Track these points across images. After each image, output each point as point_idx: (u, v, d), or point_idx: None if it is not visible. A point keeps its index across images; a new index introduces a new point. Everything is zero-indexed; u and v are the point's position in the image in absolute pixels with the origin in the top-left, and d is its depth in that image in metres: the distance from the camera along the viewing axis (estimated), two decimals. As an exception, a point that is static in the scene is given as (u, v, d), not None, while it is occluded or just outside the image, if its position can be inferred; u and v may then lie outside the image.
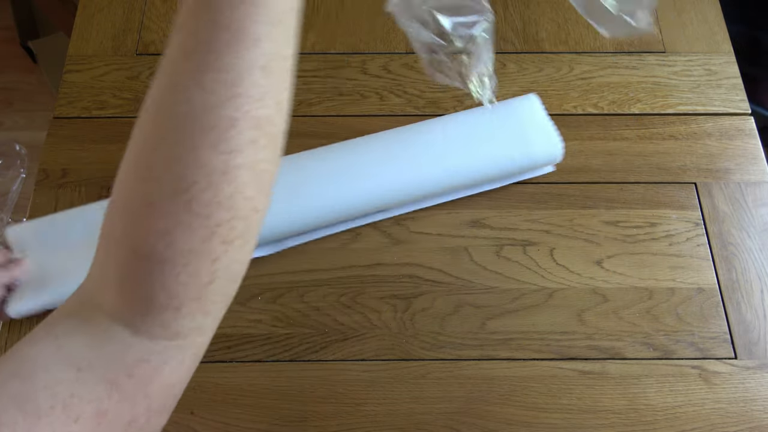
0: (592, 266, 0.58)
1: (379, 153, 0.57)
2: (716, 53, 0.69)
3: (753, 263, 0.58)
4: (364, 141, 0.59)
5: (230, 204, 0.26)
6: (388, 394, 0.53)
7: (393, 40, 0.69)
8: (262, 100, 0.26)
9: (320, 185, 0.56)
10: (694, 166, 0.62)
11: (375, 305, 0.56)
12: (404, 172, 0.57)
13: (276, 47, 0.26)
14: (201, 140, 0.25)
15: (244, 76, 0.25)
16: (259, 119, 0.26)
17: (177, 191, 0.25)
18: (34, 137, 1.40)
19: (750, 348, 0.54)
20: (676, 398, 0.53)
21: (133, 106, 0.65)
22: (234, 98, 0.25)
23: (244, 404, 0.52)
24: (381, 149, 0.58)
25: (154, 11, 0.71)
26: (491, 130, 0.58)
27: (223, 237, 0.26)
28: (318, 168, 0.57)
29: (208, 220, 0.25)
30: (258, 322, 0.55)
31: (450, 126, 0.59)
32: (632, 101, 0.66)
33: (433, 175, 0.57)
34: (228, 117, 0.25)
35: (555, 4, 0.72)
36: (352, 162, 0.57)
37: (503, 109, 0.59)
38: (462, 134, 0.58)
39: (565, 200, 0.61)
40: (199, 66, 0.25)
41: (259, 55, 0.25)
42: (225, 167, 0.25)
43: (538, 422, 0.52)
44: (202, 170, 0.25)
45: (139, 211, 0.26)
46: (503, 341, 0.55)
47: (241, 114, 0.25)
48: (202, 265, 0.26)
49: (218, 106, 0.25)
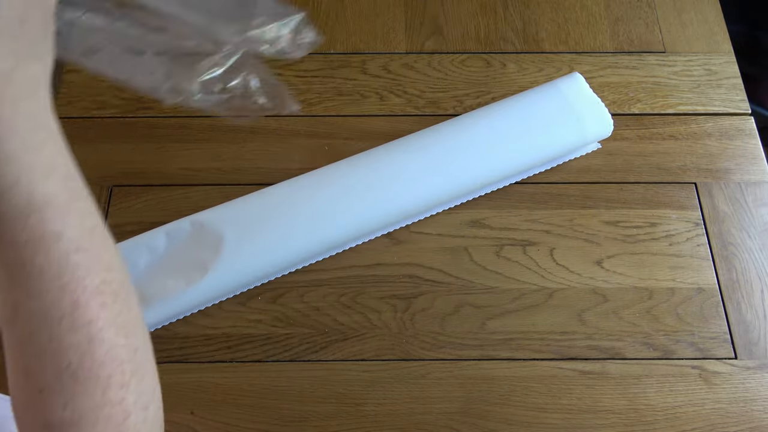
0: (592, 266, 0.58)
1: (424, 159, 0.57)
2: (716, 53, 0.69)
3: (753, 263, 0.58)
4: (404, 146, 0.58)
5: (111, 357, 0.28)
6: (388, 394, 0.53)
7: (393, 40, 0.69)
8: (90, 270, 0.27)
9: (364, 199, 0.56)
10: (694, 166, 0.62)
11: (375, 305, 0.56)
12: (458, 174, 0.57)
13: (78, 230, 0.28)
14: (57, 330, 0.27)
15: (61, 264, 0.26)
16: (98, 286, 0.28)
17: (59, 373, 0.27)
18: (34, 137, 1.40)
19: (750, 348, 0.54)
20: (676, 398, 0.53)
21: (133, 106, 0.65)
22: (64, 287, 0.27)
23: (244, 404, 0.52)
24: (427, 154, 0.57)
25: (154, 11, 0.71)
26: (539, 114, 0.59)
27: (120, 381, 0.28)
28: (362, 179, 0.56)
29: (99, 378, 0.28)
30: (258, 322, 0.55)
31: (496, 116, 0.59)
32: (632, 101, 0.66)
33: (487, 170, 0.58)
34: (70, 302, 0.27)
35: (555, 4, 0.72)
36: (397, 169, 0.57)
37: (548, 91, 0.60)
38: (509, 124, 0.58)
39: (565, 200, 0.61)
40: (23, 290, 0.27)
41: (67, 245, 0.26)
42: (89, 337, 0.27)
43: (538, 422, 0.52)
44: (70, 351, 0.27)
45: (36, 399, 0.28)
46: (503, 341, 0.55)
47: (80, 292, 0.27)
48: (113, 411, 0.28)
49: (57, 299, 0.26)
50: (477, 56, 0.68)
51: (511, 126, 0.58)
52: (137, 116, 0.65)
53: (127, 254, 0.55)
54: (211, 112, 0.35)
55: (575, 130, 0.59)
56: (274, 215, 0.54)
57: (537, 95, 0.60)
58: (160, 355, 0.54)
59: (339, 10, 0.71)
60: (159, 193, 0.61)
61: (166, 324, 0.55)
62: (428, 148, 0.57)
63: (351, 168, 0.57)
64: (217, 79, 0.35)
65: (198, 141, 0.63)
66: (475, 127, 0.58)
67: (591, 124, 0.59)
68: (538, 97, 0.60)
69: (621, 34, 0.70)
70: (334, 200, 0.55)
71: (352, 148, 0.63)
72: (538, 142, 0.58)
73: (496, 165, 0.57)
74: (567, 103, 0.59)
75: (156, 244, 0.55)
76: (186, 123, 0.64)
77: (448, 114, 0.65)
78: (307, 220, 0.55)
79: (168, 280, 0.54)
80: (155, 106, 0.65)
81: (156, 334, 0.55)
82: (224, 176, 0.61)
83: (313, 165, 0.61)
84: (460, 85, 0.66)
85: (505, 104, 0.60)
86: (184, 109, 0.66)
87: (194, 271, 0.53)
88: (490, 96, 0.66)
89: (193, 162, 0.62)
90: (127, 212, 0.59)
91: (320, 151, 0.63)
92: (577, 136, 0.59)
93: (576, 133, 0.59)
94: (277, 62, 0.69)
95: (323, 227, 0.55)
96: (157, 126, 0.64)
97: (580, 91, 0.60)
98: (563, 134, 0.58)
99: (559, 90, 0.60)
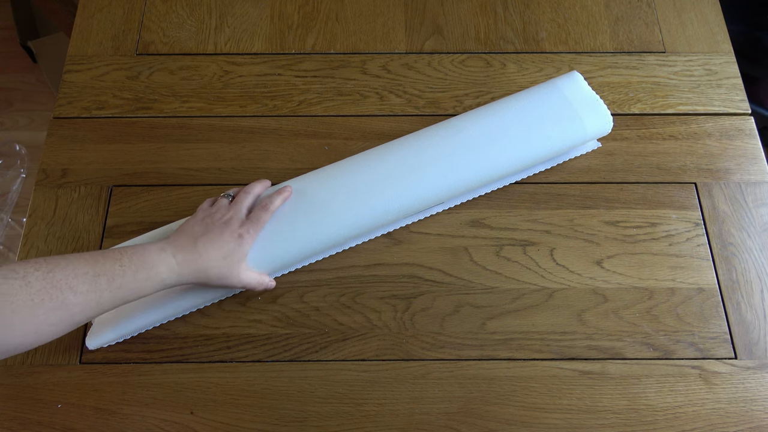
0: (592, 266, 0.58)
1: (424, 156, 0.57)
2: (716, 53, 0.69)
3: (753, 263, 0.58)
4: (404, 145, 0.58)
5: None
6: (388, 394, 0.53)
7: (393, 40, 0.69)
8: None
9: (368, 195, 0.56)
10: (694, 166, 0.62)
11: (375, 305, 0.56)
12: (458, 171, 0.57)
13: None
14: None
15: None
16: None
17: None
18: (34, 137, 1.40)
19: (750, 348, 0.54)
20: (676, 398, 0.53)
21: (133, 106, 0.65)
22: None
23: (244, 404, 0.52)
24: (426, 152, 0.57)
25: (154, 11, 0.71)
26: (538, 113, 0.58)
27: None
28: (369, 174, 0.57)
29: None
30: (258, 322, 0.55)
31: (495, 116, 0.59)
32: (632, 101, 0.66)
33: (487, 168, 0.57)
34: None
35: (555, 4, 0.72)
36: (396, 169, 0.57)
37: (547, 89, 0.60)
38: (508, 123, 0.58)
39: (565, 200, 0.61)
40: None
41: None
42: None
43: (538, 422, 0.52)
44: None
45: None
46: (503, 341, 0.55)
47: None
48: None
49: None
50: (477, 56, 0.68)
51: (511, 125, 0.58)
52: (137, 116, 0.65)
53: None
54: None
55: (575, 127, 0.59)
56: (273, 217, 0.54)
57: (536, 94, 0.60)
58: (160, 355, 0.54)
59: (339, 10, 0.71)
60: (159, 193, 0.61)
61: (164, 323, 0.55)
62: (427, 148, 0.57)
63: (350, 167, 0.57)
64: None
65: (198, 141, 0.63)
66: (474, 126, 0.58)
67: (590, 121, 0.59)
68: (536, 96, 0.60)
69: (621, 34, 0.70)
70: (333, 200, 0.55)
71: (352, 147, 0.63)
72: (538, 140, 0.58)
73: (496, 164, 0.57)
74: (566, 101, 0.59)
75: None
76: (186, 123, 0.64)
77: (448, 114, 0.65)
78: (306, 221, 0.55)
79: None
80: (155, 106, 0.65)
81: (156, 334, 0.55)
82: (224, 176, 0.61)
83: (313, 165, 0.61)
84: (460, 85, 0.66)
85: (504, 103, 0.60)
86: (184, 108, 0.66)
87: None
88: (490, 96, 0.66)
89: (193, 162, 0.62)
90: (127, 212, 0.59)
91: (320, 151, 0.63)
92: (577, 134, 0.59)
93: (576, 131, 0.59)
94: (278, 62, 0.70)
95: (322, 228, 0.55)
96: (157, 126, 0.64)
97: (578, 89, 0.60)
98: (563, 132, 0.58)
99: (557, 88, 0.60)
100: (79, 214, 0.60)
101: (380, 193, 0.56)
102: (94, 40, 0.69)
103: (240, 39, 0.69)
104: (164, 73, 0.67)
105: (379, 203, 0.55)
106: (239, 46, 0.69)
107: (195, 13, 0.71)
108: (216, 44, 0.69)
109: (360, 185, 0.56)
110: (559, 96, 0.59)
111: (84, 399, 0.52)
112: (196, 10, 0.71)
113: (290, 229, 0.54)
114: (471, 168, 0.57)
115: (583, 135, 0.59)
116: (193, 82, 0.66)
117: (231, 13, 0.71)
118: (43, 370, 0.53)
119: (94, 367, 0.54)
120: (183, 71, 0.67)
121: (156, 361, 0.54)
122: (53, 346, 0.54)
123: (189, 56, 0.68)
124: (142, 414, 0.52)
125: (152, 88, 0.66)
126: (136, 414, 0.52)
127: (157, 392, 0.53)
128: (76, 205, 0.60)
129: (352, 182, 0.56)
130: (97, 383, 0.53)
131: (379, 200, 0.55)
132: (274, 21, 0.70)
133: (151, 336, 0.55)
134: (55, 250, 0.58)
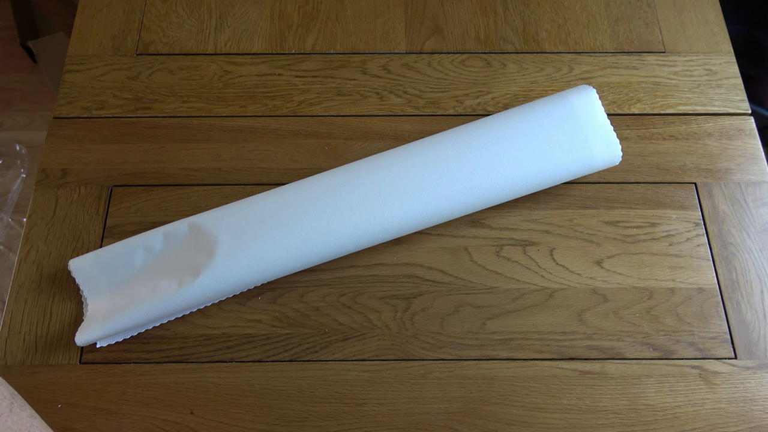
0: (592, 266, 0.58)
1: (425, 177, 0.55)
2: (716, 53, 0.69)
3: (753, 263, 0.58)
4: (406, 158, 0.56)
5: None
6: (388, 394, 0.53)
7: (393, 40, 0.69)
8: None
9: (372, 208, 0.55)
10: (694, 166, 0.62)
11: (375, 305, 0.56)
12: (455, 191, 0.55)
13: None
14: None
15: None
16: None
17: None
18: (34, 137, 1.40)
19: (750, 348, 0.54)
20: (676, 398, 0.53)
21: (133, 106, 0.65)
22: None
23: (244, 404, 0.52)
24: (428, 172, 0.56)
25: (154, 11, 0.71)
26: (548, 132, 0.56)
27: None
28: (373, 187, 0.55)
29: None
30: (258, 322, 0.55)
31: (502, 136, 0.56)
32: (632, 101, 0.66)
33: (490, 193, 0.56)
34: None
35: (555, 4, 0.72)
36: (397, 183, 0.55)
37: (559, 108, 0.57)
38: (515, 145, 0.56)
39: (565, 200, 0.61)
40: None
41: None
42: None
43: (538, 422, 0.52)
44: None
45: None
46: (503, 341, 0.55)
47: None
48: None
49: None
50: (477, 56, 0.68)
51: (518, 148, 0.56)
52: (137, 116, 0.65)
53: (124, 253, 0.55)
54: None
55: (584, 157, 0.57)
56: (270, 223, 0.53)
57: (546, 112, 0.57)
58: (160, 355, 0.54)
59: (339, 10, 0.71)
60: (159, 193, 0.61)
61: (157, 324, 0.55)
62: (429, 166, 0.56)
63: (351, 179, 0.56)
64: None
65: (198, 141, 0.63)
66: (481, 150, 0.56)
67: (600, 153, 0.57)
68: (546, 114, 0.57)
69: (621, 34, 0.70)
70: (332, 212, 0.54)
71: (351, 148, 0.63)
72: (546, 170, 0.57)
73: (500, 191, 0.56)
74: (577, 125, 0.57)
75: (153, 244, 0.55)
76: (186, 123, 0.64)
77: (448, 114, 0.65)
78: (303, 230, 0.54)
79: (161, 281, 0.54)
80: (155, 107, 0.65)
81: (156, 334, 0.55)
82: (224, 176, 0.61)
83: (313, 165, 0.61)
84: (460, 85, 0.66)
85: (514, 121, 0.57)
86: (184, 108, 0.66)
87: (187, 274, 0.53)
88: (490, 96, 0.66)
89: (193, 162, 0.62)
90: (127, 212, 0.60)
91: (320, 151, 0.63)
92: (584, 164, 0.57)
93: (584, 161, 0.57)
94: (278, 62, 0.70)
95: (319, 238, 0.54)
96: (157, 126, 0.64)
97: (592, 110, 0.57)
98: (571, 163, 0.57)
99: (570, 107, 0.57)
100: (79, 214, 0.60)
101: (379, 210, 0.54)
102: (94, 40, 0.69)
103: (240, 39, 0.69)
104: (164, 73, 0.67)
105: (377, 220, 0.54)
106: (239, 46, 0.69)
107: (195, 13, 0.71)
108: (216, 44, 0.69)
109: (358, 201, 0.55)
110: (571, 117, 0.57)
111: (84, 399, 0.52)
112: (196, 10, 0.71)
113: (285, 239, 0.53)
114: (474, 193, 0.56)
115: (591, 167, 0.58)
116: (193, 82, 0.66)
117: (231, 13, 0.71)
118: (42, 370, 0.53)
119: (93, 367, 0.54)
120: (183, 71, 0.67)
121: (156, 361, 0.54)
122: (53, 346, 0.54)
123: (189, 56, 0.68)
124: (141, 414, 0.52)
125: (152, 88, 0.66)
126: (136, 414, 0.52)
127: (156, 392, 0.53)
128: (76, 205, 0.60)
129: (350, 197, 0.55)
130: (96, 383, 0.53)
131: (377, 220, 0.54)
132: (274, 21, 0.70)
133: (151, 336, 0.55)
134: (55, 250, 0.58)
